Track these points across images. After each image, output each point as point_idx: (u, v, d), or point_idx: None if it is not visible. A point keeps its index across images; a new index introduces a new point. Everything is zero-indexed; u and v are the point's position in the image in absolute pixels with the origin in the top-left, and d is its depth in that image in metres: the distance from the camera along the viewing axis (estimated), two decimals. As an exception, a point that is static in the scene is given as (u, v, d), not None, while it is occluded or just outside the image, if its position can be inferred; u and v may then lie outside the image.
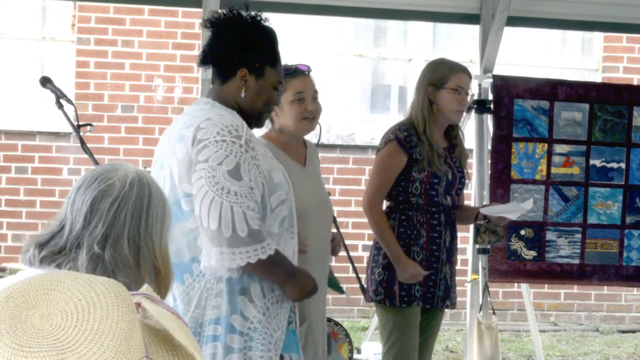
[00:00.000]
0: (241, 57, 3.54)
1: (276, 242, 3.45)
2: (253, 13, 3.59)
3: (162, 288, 2.05)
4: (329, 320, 5.62)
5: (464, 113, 5.00)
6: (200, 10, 5.67)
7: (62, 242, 1.99)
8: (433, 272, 4.87)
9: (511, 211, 5.04)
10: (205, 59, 3.61)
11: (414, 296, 4.83)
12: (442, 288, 4.90)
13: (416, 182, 4.83)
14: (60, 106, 4.75)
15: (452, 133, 4.99)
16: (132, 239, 2.00)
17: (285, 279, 3.48)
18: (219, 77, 3.61)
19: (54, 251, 1.98)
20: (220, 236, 3.31)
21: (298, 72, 4.25)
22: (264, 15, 3.62)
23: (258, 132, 4.16)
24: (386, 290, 4.84)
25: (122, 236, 1.99)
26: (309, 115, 4.25)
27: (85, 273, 1.89)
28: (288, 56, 5.13)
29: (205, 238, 3.36)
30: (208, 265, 3.39)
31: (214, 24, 3.58)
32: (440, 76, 4.89)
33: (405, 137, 4.83)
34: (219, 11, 3.62)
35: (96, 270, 1.93)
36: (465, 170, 5.05)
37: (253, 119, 3.63)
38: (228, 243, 3.31)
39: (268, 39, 3.60)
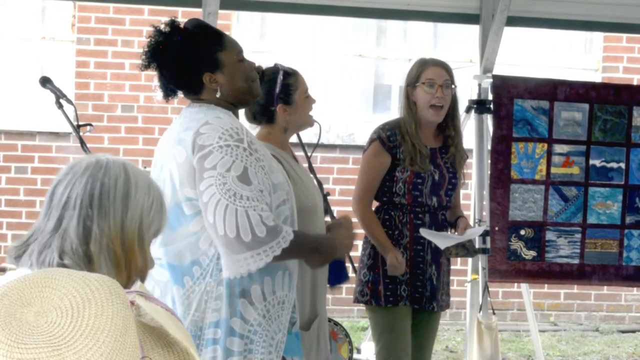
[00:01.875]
0: (195, 68, 3.51)
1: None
2: (167, 26, 3.54)
3: (121, 275, 1.96)
4: (329, 320, 5.62)
5: (443, 108, 4.90)
6: (200, 10, 5.67)
7: (27, 236, 1.99)
8: (419, 272, 4.86)
9: (444, 238, 4.93)
10: (169, 93, 3.59)
11: (400, 296, 4.82)
12: (428, 288, 4.88)
13: (399, 182, 4.83)
14: (60, 106, 4.75)
15: (446, 133, 4.97)
16: (82, 221, 1.96)
17: (309, 254, 3.57)
18: (192, 93, 3.58)
19: (19, 246, 1.98)
20: (241, 242, 3.30)
21: (296, 71, 4.27)
22: (175, 17, 3.59)
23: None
24: (372, 291, 4.85)
25: (72, 219, 1.96)
26: (312, 108, 4.32)
27: (37, 260, 1.89)
28: (288, 56, 5.12)
29: (222, 246, 3.34)
30: (232, 273, 3.37)
31: (150, 63, 3.55)
32: (414, 74, 4.91)
33: (388, 136, 4.83)
34: (144, 48, 3.56)
35: (42, 255, 1.91)
36: (462, 171, 5.03)
37: (246, 97, 3.61)
38: (249, 247, 3.31)
39: (199, 33, 3.55)
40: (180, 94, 3.64)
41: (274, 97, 4.16)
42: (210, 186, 3.34)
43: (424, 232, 4.84)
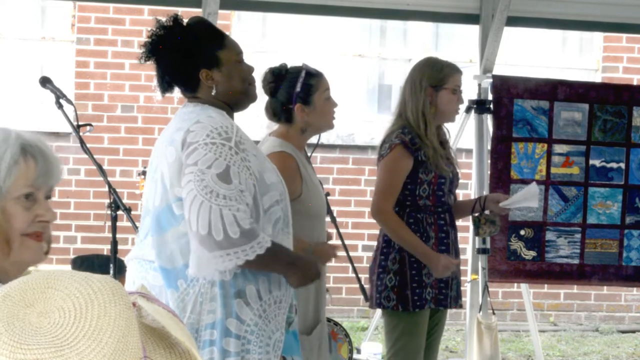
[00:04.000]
0: (193, 64, 3.52)
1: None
2: (169, 20, 3.54)
3: None
4: (329, 320, 5.63)
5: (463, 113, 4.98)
6: (200, 10, 5.67)
7: None
8: None
9: (525, 199, 4.98)
10: (165, 88, 3.59)
11: (425, 299, 4.76)
12: (454, 288, 4.86)
13: (424, 184, 4.76)
14: (60, 106, 4.76)
15: (439, 131, 4.96)
16: None
17: (286, 269, 3.48)
18: (188, 90, 3.59)
19: None
20: (212, 240, 3.27)
21: (320, 72, 4.29)
22: (177, 12, 3.59)
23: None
24: (398, 296, 4.75)
25: None
26: (334, 112, 4.34)
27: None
28: (289, 56, 5.12)
29: (195, 242, 3.32)
30: (198, 271, 3.35)
31: (149, 56, 3.55)
32: (440, 77, 4.82)
33: (410, 139, 4.74)
34: (144, 40, 3.57)
35: None
36: (457, 168, 5.03)
37: (243, 99, 3.60)
38: (220, 246, 3.27)
39: (201, 30, 3.56)
40: (178, 92, 3.64)
41: (293, 96, 4.18)
42: (189, 182, 3.33)
43: (506, 204, 4.92)
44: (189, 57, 3.50)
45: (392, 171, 4.76)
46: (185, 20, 3.57)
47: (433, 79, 4.82)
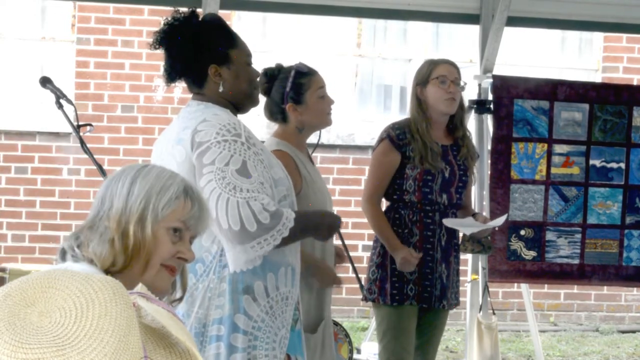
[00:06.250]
0: (204, 58, 3.52)
1: None
2: (186, 12, 3.56)
3: (115, 253, 2.03)
4: (329, 320, 5.63)
5: (455, 101, 4.93)
6: (200, 10, 5.66)
7: None
8: (429, 271, 4.86)
9: (469, 226, 4.99)
10: (173, 77, 3.60)
11: (406, 295, 4.82)
12: (438, 287, 4.89)
13: (409, 179, 4.84)
14: (60, 106, 4.75)
15: (458, 134, 4.98)
16: (95, 212, 2.13)
17: (315, 230, 3.63)
18: (195, 84, 3.59)
19: None
20: (247, 233, 3.30)
21: (313, 71, 4.29)
22: (196, 9, 3.61)
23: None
24: (379, 289, 4.85)
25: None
26: (330, 109, 4.33)
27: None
28: (289, 55, 5.11)
29: (227, 240, 3.34)
30: (237, 266, 3.38)
31: (162, 42, 3.55)
32: (423, 73, 4.94)
33: (397, 135, 4.85)
34: (159, 27, 3.57)
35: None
36: (472, 172, 5.03)
37: (246, 101, 3.62)
38: (255, 235, 3.31)
39: (216, 26, 3.57)
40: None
41: (285, 95, 4.20)
42: (210, 181, 3.34)
43: (448, 222, 4.87)
44: (201, 50, 3.51)
45: (376, 165, 4.92)
46: (197, 14, 3.59)
47: (419, 78, 4.96)
